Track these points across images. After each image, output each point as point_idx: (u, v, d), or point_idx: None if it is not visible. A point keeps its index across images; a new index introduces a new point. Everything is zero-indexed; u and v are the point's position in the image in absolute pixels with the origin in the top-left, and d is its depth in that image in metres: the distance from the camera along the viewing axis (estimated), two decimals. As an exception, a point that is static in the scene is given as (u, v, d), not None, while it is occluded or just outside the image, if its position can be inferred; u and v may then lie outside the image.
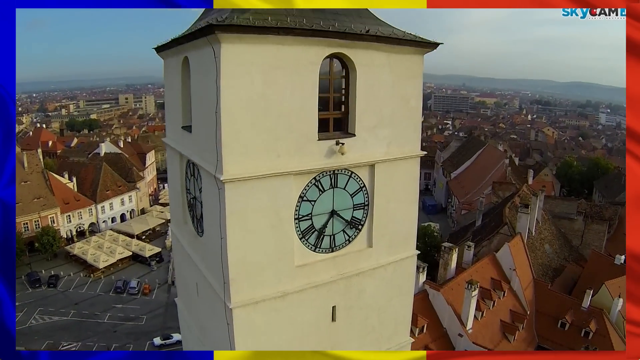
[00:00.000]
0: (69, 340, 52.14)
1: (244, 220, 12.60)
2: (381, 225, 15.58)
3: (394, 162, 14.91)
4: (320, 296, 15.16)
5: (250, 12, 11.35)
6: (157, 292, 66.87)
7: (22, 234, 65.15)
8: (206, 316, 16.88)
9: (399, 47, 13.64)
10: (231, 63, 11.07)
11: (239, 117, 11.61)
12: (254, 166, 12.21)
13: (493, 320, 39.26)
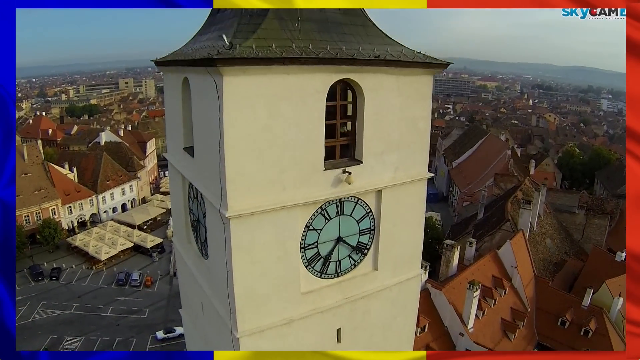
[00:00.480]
0: (73, 335, 52.39)
1: (249, 254, 12.43)
2: (387, 248, 15.42)
3: (401, 186, 14.65)
4: (326, 320, 15.09)
5: (254, 36, 10.98)
6: (159, 284, 67.08)
7: (24, 227, 65.12)
8: (212, 336, 16.79)
9: (409, 69, 13.29)
10: (234, 96, 10.72)
11: (243, 151, 11.32)
12: (260, 200, 11.96)
13: (494, 318, 39.37)
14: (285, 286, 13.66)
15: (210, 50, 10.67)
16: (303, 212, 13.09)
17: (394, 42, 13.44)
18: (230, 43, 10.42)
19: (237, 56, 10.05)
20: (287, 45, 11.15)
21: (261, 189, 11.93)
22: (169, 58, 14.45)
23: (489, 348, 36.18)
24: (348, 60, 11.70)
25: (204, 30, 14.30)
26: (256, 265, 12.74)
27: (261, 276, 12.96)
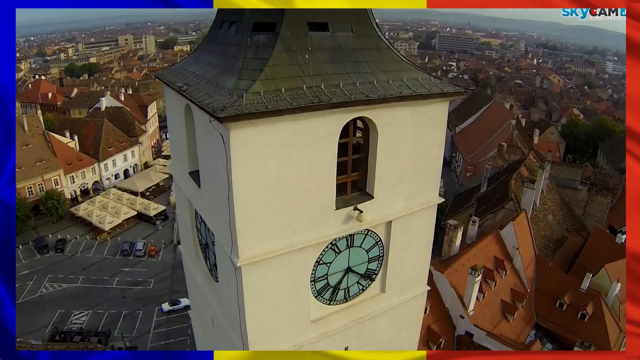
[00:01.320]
0: (80, 309, 53.39)
1: (261, 294, 12.42)
2: (395, 272, 15.39)
3: (412, 214, 14.46)
4: (334, 341, 15.24)
5: (262, 76, 10.35)
6: (164, 253, 67.68)
7: (27, 199, 65.22)
8: (221, 345, 17.09)
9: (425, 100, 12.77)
10: (242, 149, 10.28)
11: (253, 202, 11.03)
12: (271, 245, 11.80)
13: (494, 300, 39.96)
14: (295, 317, 13.76)
15: (216, 102, 10.09)
16: (314, 250, 12.96)
17: (409, 67, 12.72)
18: (236, 95, 9.89)
19: (245, 111, 9.53)
20: (298, 86, 10.59)
21: (272, 235, 11.74)
22: (169, 78, 13.79)
23: (488, 330, 36.91)
24: (362, 102, 11.20)
25: (207, 47, 13.56)
26: (267, 303, 12.76)
27: (272, 312, 13.03)
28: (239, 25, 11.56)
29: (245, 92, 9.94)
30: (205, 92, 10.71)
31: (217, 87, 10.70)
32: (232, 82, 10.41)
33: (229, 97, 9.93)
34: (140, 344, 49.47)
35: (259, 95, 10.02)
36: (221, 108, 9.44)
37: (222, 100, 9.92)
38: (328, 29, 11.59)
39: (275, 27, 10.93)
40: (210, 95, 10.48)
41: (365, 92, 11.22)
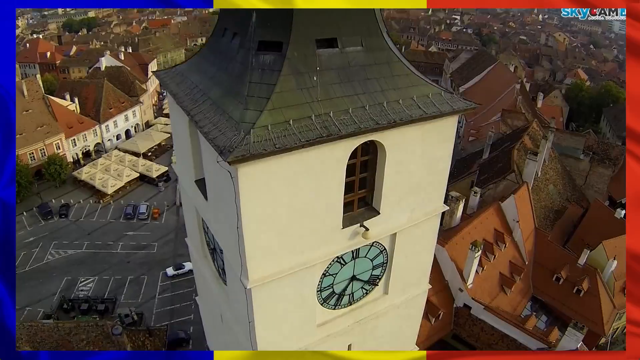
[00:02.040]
0: (86, 275, 54.32)
1: (270, 308, 12.78)
2: (398, 276, 15.71)
3: (417, 224, 14.57)
4: (338, 340, 15.77)
5: (269, 106, 10.10)
6: (167, 215, 68.07)
7: (29, 165, 65.20)
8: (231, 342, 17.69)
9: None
10: (251, 184, 10.26)
11: (262, 230, 11.12)
12: (279, 266, 12.01)
13: (493, 273, 40.63)
14: (302, 324, 14.21)
15: (223, 137, 9.85)
16: (320, 266, 13.18)
17: (420, 82, 12.40)
18: (243, 130, 9.71)
19: (253, 152, 9.42)
20: (306, 114, 10.39)
21: (280, 257, 11.91)
22: (173, 88, 13.25)
23: (486, 303, 37.74)
24: (371, 130, 11.01)
25: (209, 55, 13.08)
26: (276, 315, 13.13)
27: (280, 321, 13.49)
28: (244, 41, 11.16)
29: (252, 125, 9.75)
30: (211, 121, 10.49)
31: (224, 115, 10.45)
32: (239, 112, 10.18)
33: (236, 132, 9.73)
34: (146, 310, 50.63)
35: (267, 129, 9.83)
36: (229, 149, 9.27)
37: (229, 135, 9.73)
38: (337, 45, 11.20)
39: (281, 47, 10.58)
40: (216, 125, 10.27)
41: (375, 117, 11.01)
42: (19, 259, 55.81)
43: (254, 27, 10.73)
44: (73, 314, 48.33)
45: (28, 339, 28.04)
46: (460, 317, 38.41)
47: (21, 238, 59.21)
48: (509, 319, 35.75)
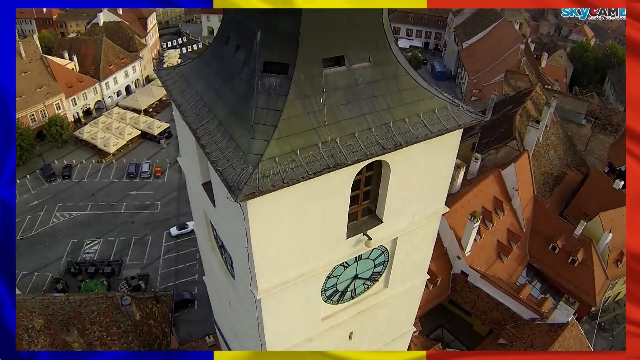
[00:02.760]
0: (91, 237, 55.24)
1: (277, 312, 13.45)
2: (398, 271, 16.30)
3: (418, 227, 14.99)
4: (341, 329, 16.64)
5: (276, 135, 10.16)
6: (169, 173, 68.32)
7: (30, 127, 64.89)
8: (239, 328, 18.55)
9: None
10: (260, 214, 10.56)
11: (270, 250, 11.55)
12: (286, 276, 12.53)
13: (490, 241, 41.45)
14: (307, 320, 15.00)
15: (232, 170, 9.96)
16: (325, 271, 13.69)
17: (426, 95, 12.35)
18: (251, 164, 9.84)
19: (262, 189, 9.61)
20: (313, 142, 10.49)
21: (288, 269, 12.41)
22: (177, 98, 12.87)
23: (483, 270, 38.76)
24: (377, 155, 11.15)
25: (212, 62, 12.75)
26: (283, 317, 13.84)
27: (287, 321, 14.28)
28: (248, 58, 10.95)
29: (260, 158, 9.86)
30: (219, 147, 10.54)
31: (231, 142, 10.45)
32: (246, 140, 10.22)
33: (244, 165, 9.83)
34: (151, 271, 51.93)
35: (274, 161, 9.95)
36: (238, 186, 9.44)
37: (237, 168, 9.82)
38: (344, 63, 11.10)
39: (287, 69, 10.52)
40: (224, 154, 10.30)
41: (381, 141, 11.10)
42: (25, 223, 56.50)
43: (258, 46, 10.57)
44: (80, 277, 49.54)
45: (41, 312, 29.05)
46: (458, 284, 39.55)
47: (26, 202, 59.71)
48: (504, 288, 36.79)
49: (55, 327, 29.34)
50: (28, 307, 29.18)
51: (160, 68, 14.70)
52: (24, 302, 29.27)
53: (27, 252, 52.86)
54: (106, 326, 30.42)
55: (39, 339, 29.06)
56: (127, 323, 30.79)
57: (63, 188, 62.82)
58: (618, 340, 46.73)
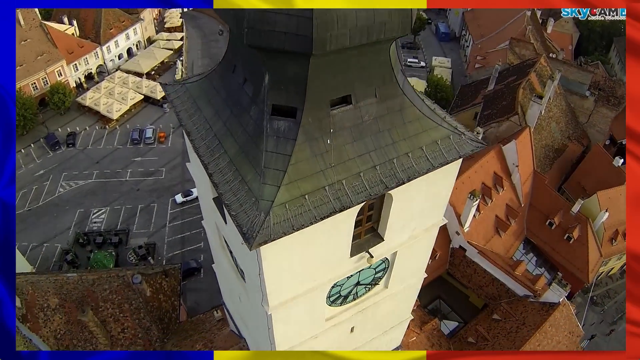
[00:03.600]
0: (98, 206, 56.20)
1: (286, 320, 14.63)
2: (398, 275, 17.30)
3: (417, 239, 15.84)
4: (343, 326, 17.89)
5: (285, 180, 10.75)
6: (173, 138, 68.32)
7: (32, 95, 64.54)
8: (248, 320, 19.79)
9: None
10: (271, 253, 11.36)
11: (281, 275, 12.47)
12: (294, 292, 13.59)
13: (489, 216, 42.42)
14: (312, 322, 16.23)
15: (245, 216, 10.58)
16: (330, 285, 14.68)
17: (430, 125, 12.79)
18: (263, 212, 10.51)
19: (274, 237, 10.33)
20: (320, 185, 11.09)
21: (295, 286, 13.41)
22: (187, 124, 13.33)
23: (481, 245, 39.91)
24: (381, 192, 11.76)
25: (220, 88, 12.98)
26: (291, 323, 15.09)
27: (295, 326, 15.56)
28: (256, 98, 11.34)
29: (271, 205, 10.48)
30: (231, 188, 11.11)
31: (242, 184, 11.00)
32: (257, 184, 10.75)
33: (256, 212, 10.45)
34: (158, 239, 53.22)
35: (285, 207, 10.59)
36: (252, 234, 10.15)
37: (251, 215, 10.47)
38: (351, 101, 11.50)
39: (295, 114, 10.98)
40: (237, 196, 10.92)
41: (385, 180, 11.65)
42: (32, 194, 57.33)
43: (267, 89, 10.98)
44: (89, 247, 50.83)
45: (55, 292, 30.33)
46: (456, 258, 40.79)
47: (31, 171, 60.27)
48: (500, 264, 37.99)
49: (69, 305, 30.75)
50: (43, 287, 30.46)
51: (167, 83, 14.93)
52: (39, 282, 30.51)
53: (35, 223, 53.82)
54: (118, 303, 31.83)
55: (54, 317, 30.53)
56: (138, 300, 32.17)
57: (68, 156, 63.14)
58: (609, 315, 48.56)
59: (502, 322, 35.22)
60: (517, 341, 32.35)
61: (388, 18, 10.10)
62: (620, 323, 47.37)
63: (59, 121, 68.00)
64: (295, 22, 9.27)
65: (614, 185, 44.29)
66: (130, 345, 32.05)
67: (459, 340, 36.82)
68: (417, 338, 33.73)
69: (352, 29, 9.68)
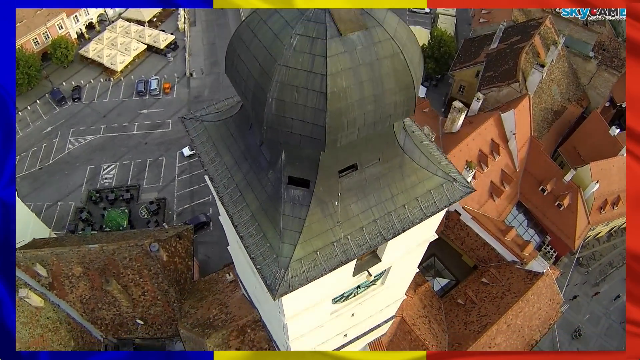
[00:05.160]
0: (107, 162, 57.94)
1: (299, 322, 17.32)
2: (394, 276, 19.79)
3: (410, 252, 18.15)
4: (345, 314, 20.67)
5: (301, 239, 12.72)
6: (178, 88, 68.81)
7: (34, 50, 63.96)
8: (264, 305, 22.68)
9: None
10: (290, 297, 13.44)
11: (296, 302, 14.88)
12: (306, 304, 16.13)
13: (484, 182, 44.37)
14: (319, 317, 19.08)
15: (268, 269, 12.73)
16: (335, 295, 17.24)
17: (426, 175, 14.53)
18: (283, 268, 12.61)
19: (292, 288, 12.56)
20: (330, 241, 13.18)
21: (307, 302, 16.01)
22: (205, 156, 15.04)
23: (475, 209, 42.11)
24: (380, 244, 13.85)
25: (239, 139, 14.38)
26: (303, 325, 17.80)
27: (306, 323, 18.38)
28: (274, 164, 12.98)
29: (289, 261, 12.63)
30: (255, 243, 13.14)
31: (264, 240, 13.07)
32: (277, 242, 12.83)
33: (277, 266, 12.62)
34: (168, 194, 55.50)
35: (300, 262, 12.76)
36: (274, 287, 12.43)
37: (273, 269, 12.66)
38: (357, 167, 13.33)
39: (309, 184, 12.88)
40: (260, 250, 13.02)
41: (383, 231, 13.74)
42: (42, 152, 58.72)
43: (283, 163, 12.74)
44: (102, 204, 53.31)
45: (78, 261, 33.05)
46: (451, 221, 43.19)
47: (39, 129, 61.33)
48: (491, 230, 40.38)
49: (92, 273, 33.60)
50: (66, 257, 33.15)
51: (185, 117, 16.28)
52: (62, 253, 33.13)
53: (48, 182, 55.69)
54: (138, 270, 34.66)
55: (79, 284, 33.48)
56: (156, 266, 34.93)
57: (74, 111, 63.92)
58: (592, 276, 51.83)
59: (490, 287, 38.22)
60: (501, 307, 35.43)
61: (393, 111, 11.61)
62: (603, 285, 50.99)
63: (62, 75, 68.13)
64: (310, 128, 10.86)
65: (609, 154, 45.99)
66: (151, 307, 35.30)
67: (449, 300, 40.03)
68: (411, 300, 36.71)
69: (360, 127, 11.27)
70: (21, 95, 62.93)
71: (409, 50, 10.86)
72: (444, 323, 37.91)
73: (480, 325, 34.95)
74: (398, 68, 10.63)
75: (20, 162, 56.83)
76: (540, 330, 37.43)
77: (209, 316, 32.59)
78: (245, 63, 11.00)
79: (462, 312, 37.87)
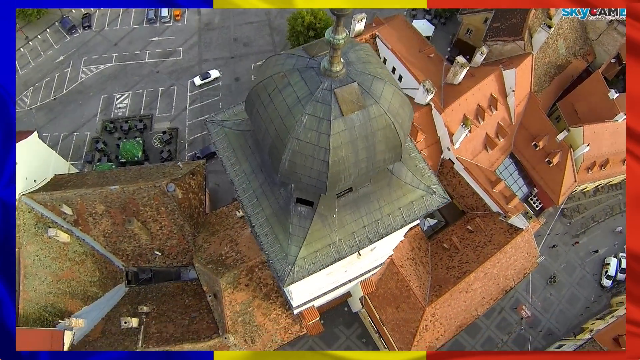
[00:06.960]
0: (120, 90, 59.73)
1: (301, 287, 20.96)
2: (382, 245, 23.37)
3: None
4: (338, 272, 24.38)
5: (305, 242, 16.23)
6: (188, 15, 68.84)
7: (42, -23, 62.91)
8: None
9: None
10: (294, 286, 17.04)
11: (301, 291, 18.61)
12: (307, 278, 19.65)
13: (480, 134, 46.53)
14: (317, 281, 22.69)
15: (279, 264, 16.29)
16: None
17: (409, 189, 17.77)
18: (290, 264, 16.10)
19: (297, 280, 16.18)
20: (327, 243, 16.77)
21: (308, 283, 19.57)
22: (227, 160, 18.24)
23: (469, 159, 44.77)
24: (367, 245, 17.23)
25: (256, 149, 17.35)
26: (304, 286, 21.47)
27: (306, 286, 21.93)
28: (285, 186, 16.21)
29: (295, 259, 16.22)
30: (269, 241, 16.70)
31: (276, 240, 16.55)
32: (287, 244, 16.39)
33: (286, 263, 16.22)
34: (179, 123, 58.10)
35: (304, 260, 16.34)
36: (283, 278, 16.08)
37: (282, 264, 16.30)
38: (352, 190, 16.62)
39: (313, 204, 16.24)
40: (273, 248, 16.57)
41: (370, 236, 17.26)
42: (55, 82, 59.63)
43: (292, 189, 15.99)
44: (117, 134, 56.04)
45: (101, 201, 36.65)
46: (444, 168, 46.23)
47: (51, 58, 61.52)
48: (481, 182, 43.41)
49: (114, 211, 37.41)
50: (90, 198, 36.74)
51: (207, 121, 19.15)
52: (86, 194, 36.59)
53: (62, 112, 57.64)
54: (156, 207, 38.41)
55: (102, 220, 37.43)
56: (172, 204, 38.61)
57: (85, 39, 64.40)
58: (574, 228, 55.95)
59: (474, 235, 42.15)
60: (481, 256, 39.58)
61: (383, 164, 14.77)
62: (583, 237, 55.24)
63: (70, 0, 67.59)
64: (315, 182, 14.11)
65: (605, 117, 47.83)
66: (167, 240, 39.50)
67: (436, 243, 44.20)
68: (400, 243, 40.57)
69: (355, 178, 14.37)
70: (30, 24, 62.19)
71: (400, 117, 13.58)
72: (429, 265, 42.28)
73: (460, 272, 39.23)
74: (389, 136, 13.44)
75: (34, 92, 57.70)
76: (514, 279, 41.86)
77: (220, 252, 36.64)
78: (263, 120, 13.83)
79: (446, 256, 42.08)
